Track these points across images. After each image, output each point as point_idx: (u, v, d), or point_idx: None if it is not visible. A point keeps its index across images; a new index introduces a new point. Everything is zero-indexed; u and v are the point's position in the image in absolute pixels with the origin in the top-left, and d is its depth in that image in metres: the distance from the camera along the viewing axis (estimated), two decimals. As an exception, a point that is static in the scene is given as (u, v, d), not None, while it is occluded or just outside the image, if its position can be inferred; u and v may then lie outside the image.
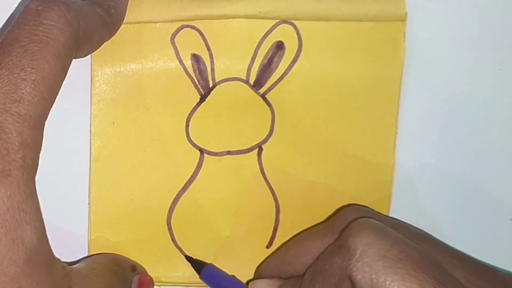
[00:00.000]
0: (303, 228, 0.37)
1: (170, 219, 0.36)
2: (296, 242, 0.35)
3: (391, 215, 0.37)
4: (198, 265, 0.36)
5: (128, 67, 0.35)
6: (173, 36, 0.35)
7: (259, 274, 0.36)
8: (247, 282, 0.36)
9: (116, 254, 0.36)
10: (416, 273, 0.27)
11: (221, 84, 0.35)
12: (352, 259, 0.28)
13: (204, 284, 0.37)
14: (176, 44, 0.35)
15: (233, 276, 0.37)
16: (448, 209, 0.37)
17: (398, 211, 0.37)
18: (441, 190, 0.37)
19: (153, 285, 0.35)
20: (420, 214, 0.37)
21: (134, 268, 0.35)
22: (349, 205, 0.36)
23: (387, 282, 0.27)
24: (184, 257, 0.36)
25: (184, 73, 0.35)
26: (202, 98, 0.35)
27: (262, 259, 0.37)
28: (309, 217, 0.37)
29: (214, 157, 0.36)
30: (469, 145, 0.37)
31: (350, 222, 0.31)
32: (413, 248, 0.28)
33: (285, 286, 0.33)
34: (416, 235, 0.32)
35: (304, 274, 0.32)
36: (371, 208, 0.35)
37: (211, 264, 0.36)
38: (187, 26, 0.35)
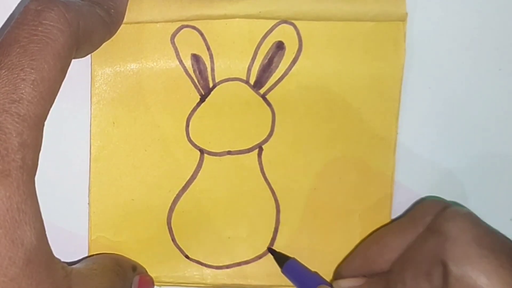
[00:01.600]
0: (304, 228, 0.37)
1: (170, 219, 0.36)
2: (377, 239, 0.35)
3: (391, 215, 0.37)
4: (281, 259, 0.36)
5: (128, 67, 0.35)
6: (173, 36, 0.35)
7: (340, 274, 0.36)
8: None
9: (117, 254, 0.36)
10: (510, 265, 0.27)
11: (221, 84, 0.35)
12: (445, 243, 0.28)
13: (204, 284, 0.37)
14: (176, 44, 0.35)
15: (315, 272, 0.36)
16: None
17: (399, 211, 0.37)
18: (441, 190, 0.37)
19: (153, 285, 0.35)
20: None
21: (135, 268, 0.35)
22: (426, 197, 0.36)
23: (481, 271, 0.27)
24: (184, 257, 0.37)
25: (184, 73, 0.35)
26: (202, 98, 0.35)
27: (263, 259, 0.37)
28: (310, 217, 0.37)
29: (214, 157, 0.36)
30: (469, 145, 0.37)
31: (437, 214, 0.31)
32: (505, 241, 0.29)
33: (371, 284, 0.33)
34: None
35: (389, 270, 0.32)
36: (449, 201, 0.35)
37: (293, 258, 0.36)
38: (187, 26, 0.35)
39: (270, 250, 0.36)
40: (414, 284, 0.30)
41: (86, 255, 0.36)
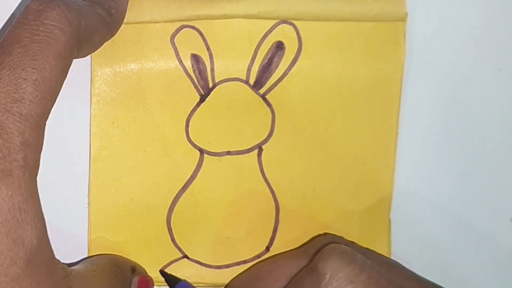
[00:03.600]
0: (303, 229, 0.37)
1: (170, 219, 0.36)
2: (270, 260, 0.36)
3: (391, 215, 0.37)
4: (172, 281, 0.36)
5: (128, 67, 0.35)
6: (173, 36, 0.35)
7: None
8: None
9: (116, 255, 0.36)
10: None
11: (221, 85, 0.35)
12: (321, 283, 0.29)
13: (204, 284, 0.37)
14: (176, 44, 0.35)
15: None
16: (448, 209, 0.37)
17: (398, 211, 0.37)
18: (441, 190, 0.37)
19: (153, 285, 0.35)
20: (421, 214, 0.37)
21: (134, 269, 0.35)
22: (324, 233, 0.36)
23: None
24: (185, 257, 0.36)
25: (184, 73, 0.35)
26: (202, 99, 0.35)
27: (262, 259, 0.37)
28: (309, 218, 0.37)
29: (214, 157, 0.36)
30: (469, 145, 0.37)
31: (319, 249, 0.31)
32: (381, 274, 0.29)
33: None
34: (385, 262, 0.33)
35: None
36: (344, 238, 0.35)
37: (184, 280, 0.36)
38: (187, 26, 0.35)
39: (162, 272, 0.36)
40: None
41: (86, 255, 0.36)
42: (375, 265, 0.30)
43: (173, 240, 0.36)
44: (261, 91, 0.36)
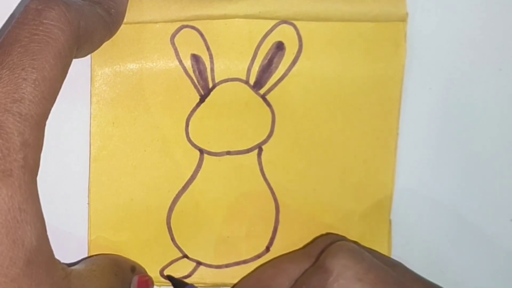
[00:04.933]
0: (303, 229, 0.37)
1: (170, 219, 0.36)
2: (273, 264, 0.35)
3: (391, 215, 0.37)
4: (178, 285, 0.36)
5: (128, 67, 0.35)
6: (173, 36, 0.35)
7: None
8: None
9: (116, 255, 0.36)
10: None
11: (221, 85, 0.35)
12: (328, 280, 0.29)
13: (204, 284, 0.37)
14: (176, 44, 0.35)
15: None
16: (448, 208, 0.37)
17: (399, 211, 0.37)
18: (441, 190, 0.37)
19: (152, 285, 0.35)
20: (421, 214, 0.37)
21: (134, 268, 0.35)
22: (327, 233, 0.36)
23: None
24: (185, 256, 0.36)
25: (183, 73, 0.35)
26: (202, 99, 0.35)
27: (262, 259, 0.37)
28: (309, 218, 0.37)
29: (214, 157, 0.36)
30: (470, 145, 0.37)
31: (324, 248, 0.31)
32: (388, 274, 0.29)
33: None
34: (389, 262, 0.33)
35: None
36: (347, 238, 0.35)
37: (191, 284, 0.36)
38: (187, 26, 0.35)
39: (168, 277, 0.36)
40: None
41: (86, 255, 0.36)
42: (383, 265, 0.30)
43: (173, 240, 0.36)
44: (261, 91, 0.36)
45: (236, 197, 0.36)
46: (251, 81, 0.35)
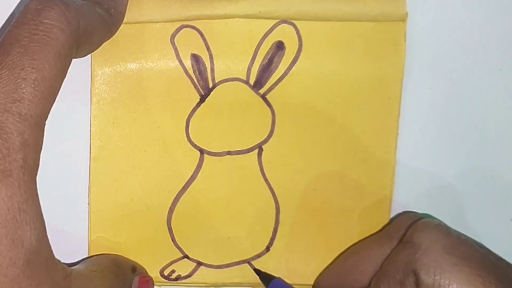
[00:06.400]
0: (303, 229, 0.37)
1: (170, 219, 0.36)
2: (353, 252, 0.35)
3: (391, 215, 0.37)
4: (266, 279, 0.36)
5: (128, 67, 0.35)
6: (173, 36, 0.35)
7: (318, 286, 0.36)
8: None
9: (116, 255, 0.36)
10: (481, 272, 0.27)
11: (221, 85, 0.35)
12: (416, 253, 0.29)
13: (204, 284, 0.37)
14: (176, 44, 0.35)
15: None
16: (448, 208, 0.37)
17: (398, 211, 0.37)
18: (442, 189, 0.37)
19: (153, 285, 0.35)
20: (421, 213, 0.37)
21: (134, 269, 0.35)
22: (404, 212, 0.36)
23: (452, 279, 0.27)
24: (185, 256, 0.36)
25: (184, 73, 0.35)
26: (202, 99, 0.35)
27: (262, 259, 0.37)
28: (309, 218, 0.37)
29: (214, 157, 0.36)
30: (470, 145, 0.37)
31: (409, 227, 0.31)
32: (476, 249, 0.29)
33: None
34: (475, 242, 0.32)
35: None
36: (425, 215, 0.35)
37: (279, 278, 0.36)
38: (187, 26, 0.35)
39: (256, 270, 0.37)
40: None
41: (86, 255, 0.36)
42: (469, 240, 0.30)
43: (173, 240, 0.36)
44: (261, 91, 0.36)
45: (236, 197, 0.36)
46: (251, 81, 0.35)
